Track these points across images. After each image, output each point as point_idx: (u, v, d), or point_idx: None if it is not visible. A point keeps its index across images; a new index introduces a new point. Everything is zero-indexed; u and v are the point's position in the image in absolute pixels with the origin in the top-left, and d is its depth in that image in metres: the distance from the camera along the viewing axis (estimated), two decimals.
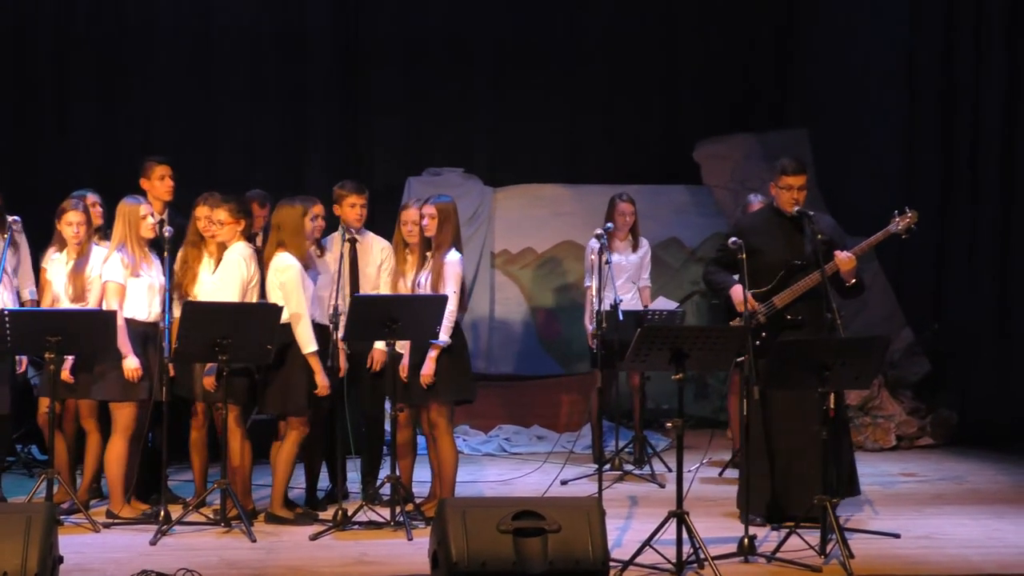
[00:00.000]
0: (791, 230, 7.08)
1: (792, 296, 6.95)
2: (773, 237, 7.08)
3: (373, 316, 6.87)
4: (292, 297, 6.97)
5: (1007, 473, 8.90)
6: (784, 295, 6.95)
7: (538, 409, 10.44)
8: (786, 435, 6.94)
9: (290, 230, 7.07)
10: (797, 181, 7.03)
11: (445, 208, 7.17)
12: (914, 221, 6.93)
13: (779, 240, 7.07)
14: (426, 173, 11.20)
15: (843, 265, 6.89)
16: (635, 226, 9.14)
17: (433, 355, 7.01)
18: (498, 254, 11.27)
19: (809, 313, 6.98)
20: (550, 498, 6.82)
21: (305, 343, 6.99)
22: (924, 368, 10.67)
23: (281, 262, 7.03)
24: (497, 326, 11.14)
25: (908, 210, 6.93)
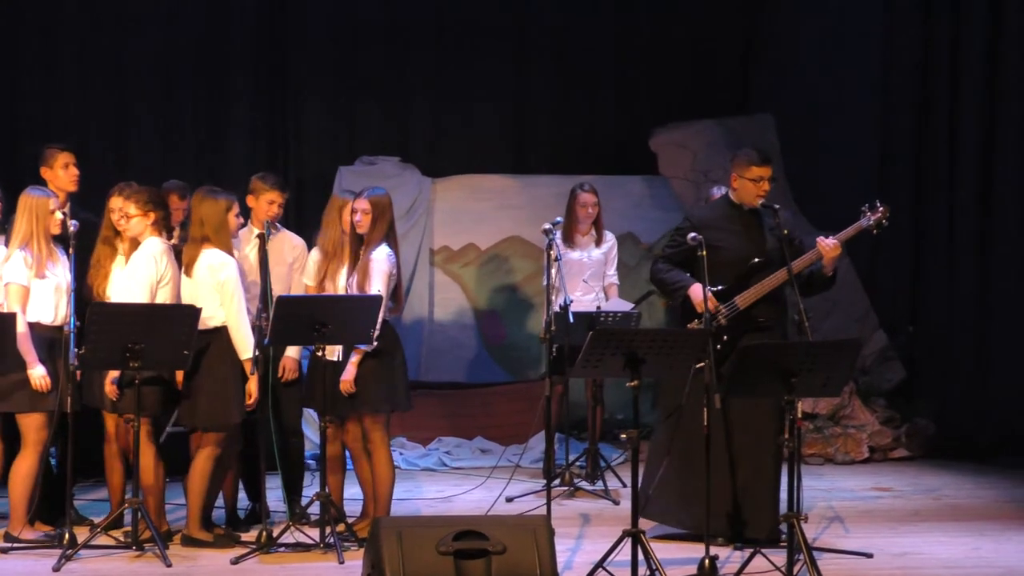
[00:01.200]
0: (751, 224, 7.10)
1: (757, 296, 6.97)
2: (732, 232, 7.08)
3: (300, 319, 6.84)
4: (233, 298, 6.92)
5: (988, 487, 9.00)
6: (747, 295, 6.97)
7: (482, 420, 10.42)
8: (748, 447, 6.97)
9: (215, 226, 7.02)
10: (767, 172, 7.06)
11: (380, 202, 7.15)
12: (886, 216, 6.98)
13: (738, 235, 7.08)
14: (359, 162, 11.16)
15: (828, 253, 6.90)
16: (599, 219, 9.15)
17: (355, 360, 6.98)
18: (438, 251, 11.25)
19: (774, 314, 7.01)
20: (494, 516, 6.81)
21: (244, 348, 6.94)
22: (899, 374, 10.77)
23: (216, 259, 6.98)
24: (437, 329, 11.12)
25: (880, 204, 6.99)
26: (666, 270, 7.18)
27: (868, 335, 10.70)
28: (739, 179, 7.08)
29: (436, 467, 9.77)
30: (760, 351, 6.13)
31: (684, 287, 7.04)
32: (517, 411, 10.28)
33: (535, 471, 9.36)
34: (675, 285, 7.11)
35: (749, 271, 7.00)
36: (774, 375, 6.07)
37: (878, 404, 10.43)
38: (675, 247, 7.13)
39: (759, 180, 7.02)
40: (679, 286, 7.08)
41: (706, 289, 6.72)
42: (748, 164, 7.05)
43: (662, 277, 7.19)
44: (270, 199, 7.60)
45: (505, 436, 10.23)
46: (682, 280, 7.07)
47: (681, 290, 7.06)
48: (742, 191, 7.07)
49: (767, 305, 7.01)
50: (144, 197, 7.14)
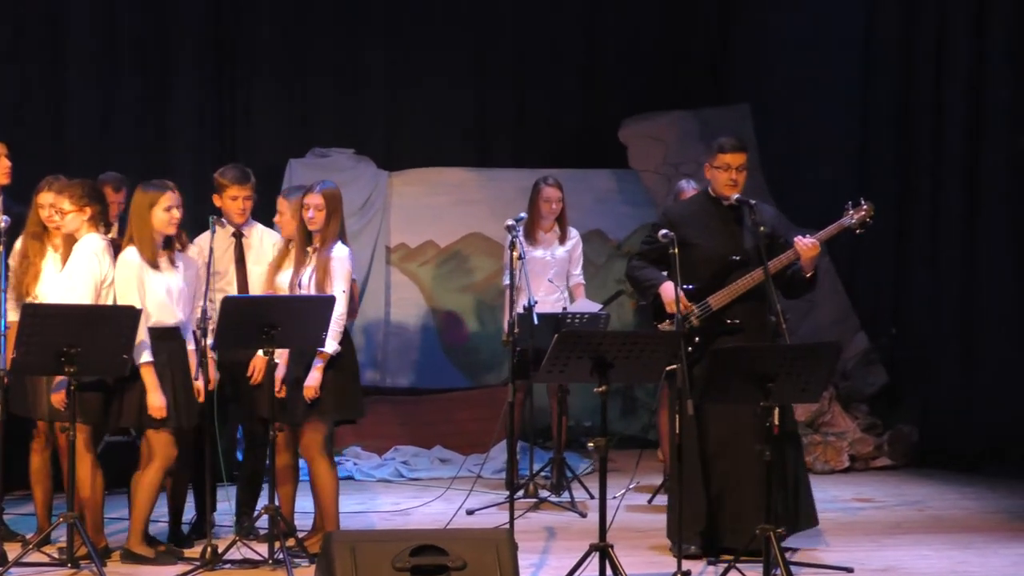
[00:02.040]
0: (729, 220, 7.12)
1: (731, 296, 6.98)
2: (708, 228, 7.10)
3: (247, 321, 6.81)
4: (128, 298, 6.86)
5: (974, 497, 9.06)
6: (721, 295, 6.99)
7: (441, 427, 10.41)
8: (724, 456, 6.99)
9: (136, 221, 6.98)
10: (736, 160, 7.07)
11: (334, 196, 7.13)
12: (870, 215, 7.00)
13: (715, 232, 7.10)
14: (310, 154, 11.13)
15: (805, 252, 6.92)
16: (563, 215, 9.15)
17: (320, 365, 6.96)
18: (394, 248, 11.24)
19: (749, 316, 7.02)
20: (454, 530, 6.80)
21: (141, 352, 6.87)
22: (881, 379, 10.82)
23: (123, 256, 6.95)
24: (393, 332, 11.10)
25: (864, 202, 7.01)
26: (640, 267, 7.20)
27: (849, 338, 10.75)
28: (709, 169, 7.11)
29: (392, 478, 9.76)
30: (735, 355, 6.15)
31: (655, 285, 7.05)
32: (478, 418, 10.28)
33: (497, 482, 9.35)
34: (647, 283, 7.12)
35: (725, 270, 7.02)
36: (750, 380, 6.09)
37: (859, 410, 10.48)
38: (650, 243, 7.15)
39: (727, 168, 7.03)
40: (650, 284, 7.09)
41: (678, 288, 6.72)
42: (716, 152, 7.08)
43: (635, 275, 7.23)
44: (232, 195, 7.59)
45: (466, 445, 10.22)
46: (654, 278, 7.08)
47: (652, 288, 7.07)
48: (713, 181, 7.10)
49: (742, 306, 7.02)
50: (79, 191, 7.08)
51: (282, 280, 7.31)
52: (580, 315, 8.64)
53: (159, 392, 6.89)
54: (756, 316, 7.00)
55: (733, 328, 6.98)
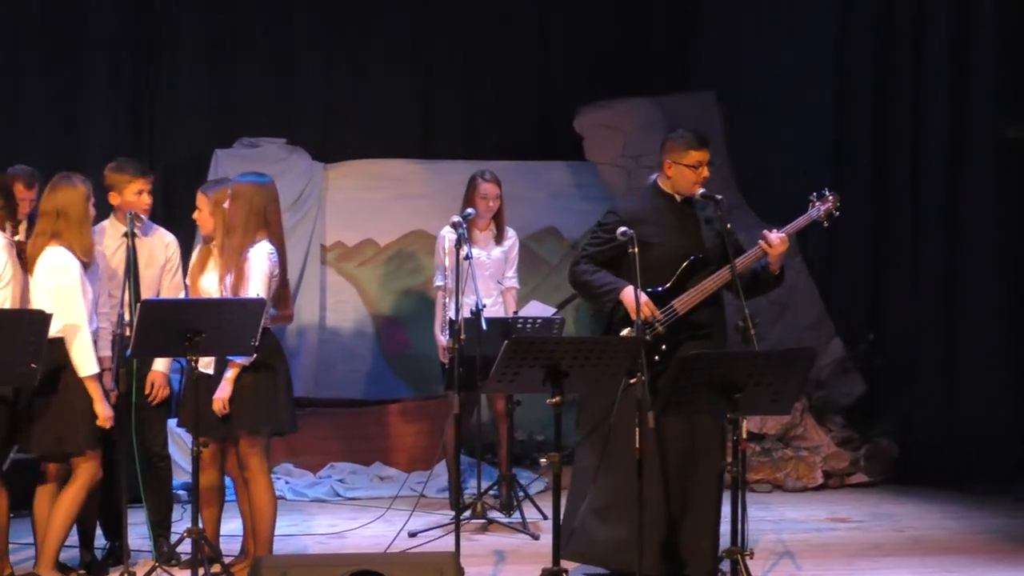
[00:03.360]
0: (685, 216, 7.11)
1: (698, 298, 6.97)
2: (665, 225, 7.08)
3: (169, 326, 6.76)
4: (70, 305, 6.82)
5: (956, 517, 9.11)
6: (687, 298, 6.98)
7: (380, 442, 10.40)
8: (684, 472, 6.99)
9: (76, 218, 6.93)
10: (705, 156, 7.07)
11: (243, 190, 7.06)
12: (836, 206, 7.04)
13: (673, 229, 7.08)
14: (238, 144, 11.09)
15: (773, 249, 6.93)
16: (500, 213, 9.14)
17: (231, 375, 6.91)
18: (330, 247, 11.21)
19: (715, 320, 7.03)
20: (395, 554, 6.78)
21: (83, 363, 6.84)
22: (857, 389, 10.87)
23: (56, 260, 6.87)
24: (329, 338, 11.07)
25: (829, 193, 7.05)
26: (591, 271, 7.10)
27: (823, 344, 10.80)
28: (674, 165, 7.07)
29: (328, 497, 9.73)
30: (699, 362, 6.14)
31: (615, 291, 6.99)
32: (421, 432, 10.27)
33: (442, 501, 9.35)
34: (603, 288, 7.04)
35: (686, 271, 7.01)
36: (715, 390, 6.09)
37: (834, 423, 10.53)
38: (600, 244, 7.09)
39: (697, 166, 7.03)
40: (608, 289, 7.02)
41: (638, 292, 6.71)
42: (685, 148, 7.05)
43: (587, 280, 7.10)
44: (138, 188, 7.53)
45: (407, 461, 10.22)
46: (612, 283, 7.02)
47: (611, 294, 7.00)
48: (678, 179, 7.07)
49: (708, 309, 7.02)
50: None
51: (207, 283, 7.26)
52: (532, 319, 8.64)
53: (105, 403, 6.86)
54: (722, 320, 7.02)
55: (700, 334, 6.98)
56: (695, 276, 7.00)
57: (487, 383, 6.21)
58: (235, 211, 7.04)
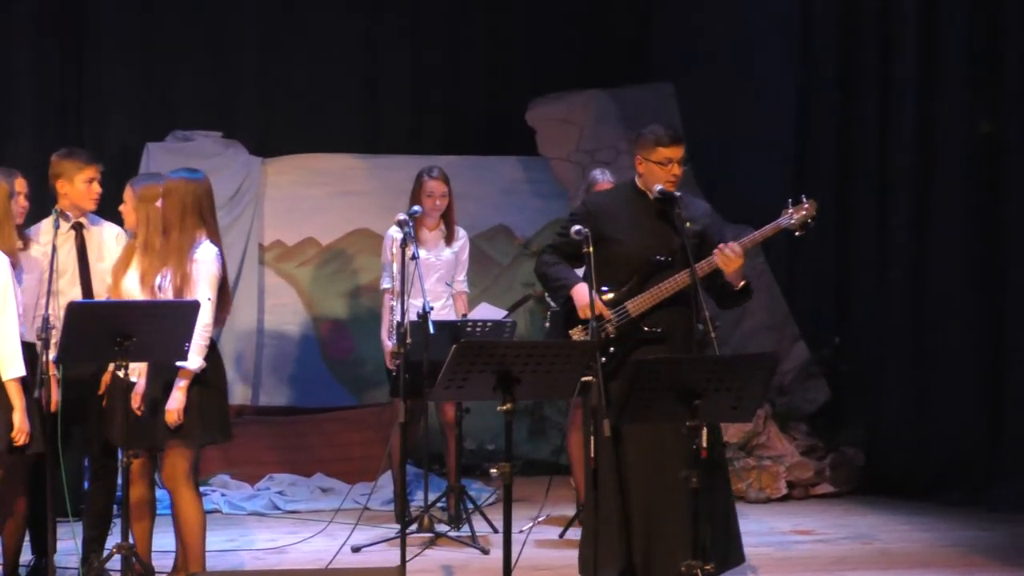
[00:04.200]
0: (656, 216, 7.13)
1: (653, 301, 6.98)
2: (633, 224, 7.09)
3: (98, 330, 6.72)
4: (3, 306, 6.78)
5: (925, 528, 9.17)
6: (641, 300, 6.99)
7: (322, 452, 10.38)
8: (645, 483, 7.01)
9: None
10: (676, 153, 7.06)
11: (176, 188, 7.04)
12: (812, 214, 7.02)
13: (640, 229, 7.09)
14: (171, 137, 11.06)
15: (727, 264, 6.89)
16: (450, 211, 9.15)
17: (183, 384, 6.89)
18: (268, 247, 11.19)
19: (672, 323, 7.04)
20: (337, 570, 6.77)
21: (9, 365, 6.80)
22: (822, 395, 10.92)
23: None
24: (267, 342, 11.05)
25: (805, 199, 7.03)
26: (551, 263, 7.15)
27: (786, 348, 10.84)
28: (644, 162, 7.08)
29: (266, 510, 9.72)
30: (656, 367, 6.15)
31: (567, 286, 7.02)
32: (365, 442, 10.27)
33: (388, 514, 9.34)
34: (558, 282, 7.08)
35: (647, 271, 7.03)
36: (674, 396, 6.10)
37: (798, 431, 10.57)
38: (565, 237, 7.12)
39: (667, 163, 7.03)
40: (561, 284, 7.05)
41: (593, 291, 6.73)
42: (654, 144, 7.05)
43: (545, 271, 7.16)
44: (89, 176, 7.53)
45: (351, 472, 10.20)
46: (566, 277, 7.05)
47: (563, 289, 7.04)
48: (647, 176, 7.07)
49: (665, 313, 7.02)
50: None
51: (130, 284, 7.24)
52: (482, 323, 8.65)
53: (26, 416, 6.83)
54: (680, 324, 7.02)
55: (653, 337, 7.00)
56: (655, 278, 7.01)
57: (434, 390, 6.20)
58: (169, 209, 7.01)
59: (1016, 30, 9.88)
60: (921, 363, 10.47)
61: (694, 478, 6.27)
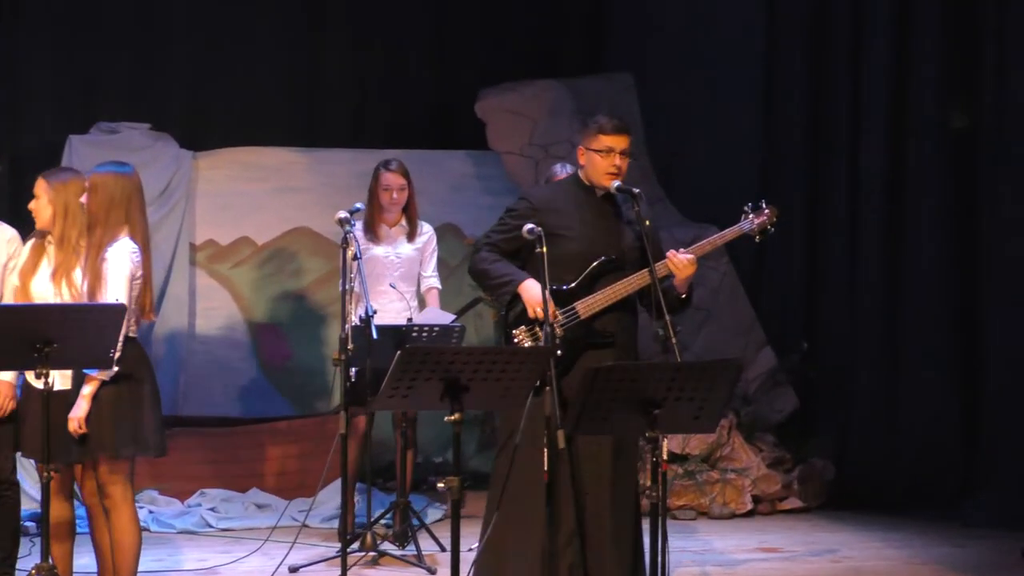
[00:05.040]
0: (605, 212, 7.12)
1: (605, 303, 6.98)
2: (580, 220, 7.09)
3: (14, 336, 6.67)
4: None
5: (899, 545, 9.21)
6: (593, 301, 6.97)
7: (258, 466, 10.35)
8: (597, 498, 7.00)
9: None
10: (618, 143, 7.06)
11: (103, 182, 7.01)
12: (772, 221, 7.05)
13: (588, 225, 7.09)
14: (95, 129, 11.01)
15: (680, 271, 6.90)
16: (411, 206, 9.14)
17: (88, 392, 6.84)
18: (200, 246, 11.15)
19: (622, 328, 7.04)
20: None
21: None
22: (790, 404, 10.96)
23: None
24: (199, 348, 11.01)
25: (765, 205, 7.05)
26: (491, 260, 7.07)
27: (752, 354, 10.87)
28: (586, 152, 7.09)
29: (198, 528, 9.69)
30: (612, 374, 6.15)
31: (512, 282, 6.97)
32: (304, 454, 10.24)
33: (328, 532, 9.32)
34: (500, 280, 7.01)
35: (596, 271, 7.02)
36: (631, 405, 6.10)
37: (764, 442, 10.60)
38: (505, 231, 7.07)
39: (608, 152, 7.03)
40: (506, 281, 6.99)
41: (546, 291, 6.71)
42: (595, 133, 7.05)
43: (485, 268, 7.07)
44: None
45: (288, 487, 10.18)
46: (511, 274, 6.99)
47: (508, 286, 6.98)
48: (590, 168, 7.09)
49: (616, 316, 7.02)
50: None
51: (40, 287, 7.18)
52: (428, 327, 8.63)
53: None
54: (629, 329, 7.03)
55: (604, 341, 6.98)
56: (605, 278, 7.00)
57: (378, 399, 6.17)
58: (95, 205, 6.97)
59: (993, 22, 9.93)
60: (894, 370, 10.53)
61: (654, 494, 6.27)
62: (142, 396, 7.00)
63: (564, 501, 6.86)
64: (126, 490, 7.05)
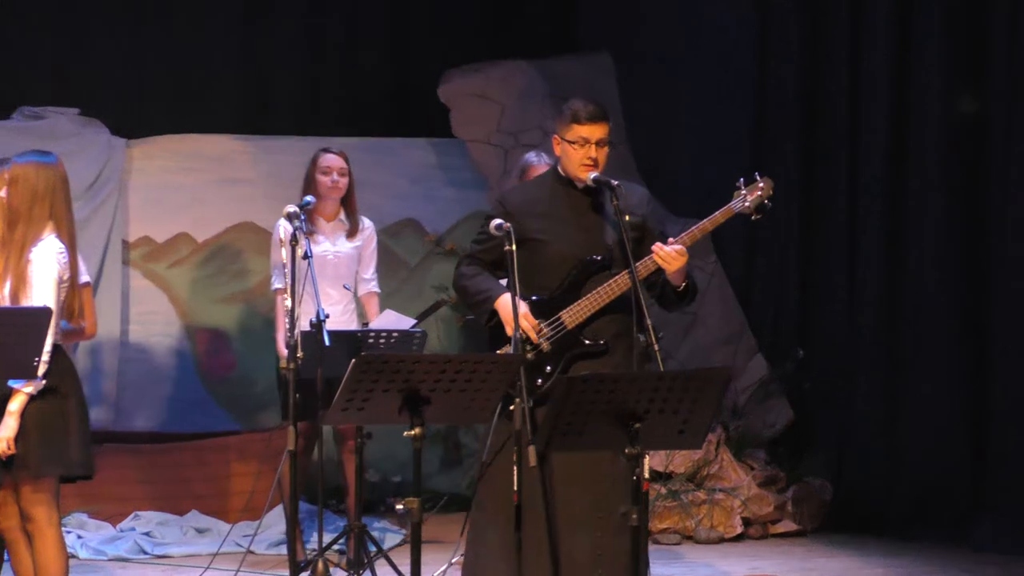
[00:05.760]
0: (585, 209, 7.12)
1: (591, 308, 6.96)
2: (560, 219, 7.09)
3: None
4: None
5: (901, 571, 9.25)
6: (578, 308, 6.98)
7: (198, 486, 10.34)
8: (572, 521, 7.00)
9: None
10: (596, 132, 7.05)
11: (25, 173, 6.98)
12: (768, 194, 7.04)
13: (569, 224, 7.08)
14: (18, 115, 11.00)
15: (669, 263, 6.89)
16: (350, 198, 9.12)
17: (16, 408, 6.81)
18: (135, 243, 11.13)
19: (616, 334, 7.03)
20: None
21: None
22: (783, 417, 10.97)
23: None
24: (133, 356, 10.99)
25: (759, 178, 7.04)
26: (471, 275, 7.04)
27: (742, 362, 10.89)
28: (560, 143, 7.08)
29: (132, 555, 9.68)
30: (588, 385, 6.13)
31: (490, 298, 6.96)
32: (249, 473, 10.22)
33: (276, 559, 9.33)
34: (479, 296, 7.00)
35: (582, 274, 7.01)
36: (610, 419, 6.09)
37: (755, 459, 10.61)
38: (483, 241, 7.06)
39: (583, 143, 7.02)
40: (484, 297, 6.98)
41: (516, 299, 6.70)
42: (569, 122, 7.03)
43: (464, 285, 7.06)
44: None
45: (232, 509, 10.18)
46: (488, 289, 6.98)
47: (486, 303, 6.97)
48: (565, 160, 7.08)
49: (606, 322, 7.01)
50: None
51: None
52: (386, 333, 8.62)
53: None
54: (624, 335, 7.01)
55: (597, 350, 6.98)
56: (592, 281, 6.99)
57: (330, 412, 6.17)
58: (16, 199, 6.95)
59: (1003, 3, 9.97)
60: (897, 379, 10.55)
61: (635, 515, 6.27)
62: (67, 411, 6.98)
63: (535, 528, 6.85)
64: (51, 513, 7.03)
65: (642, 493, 6.26)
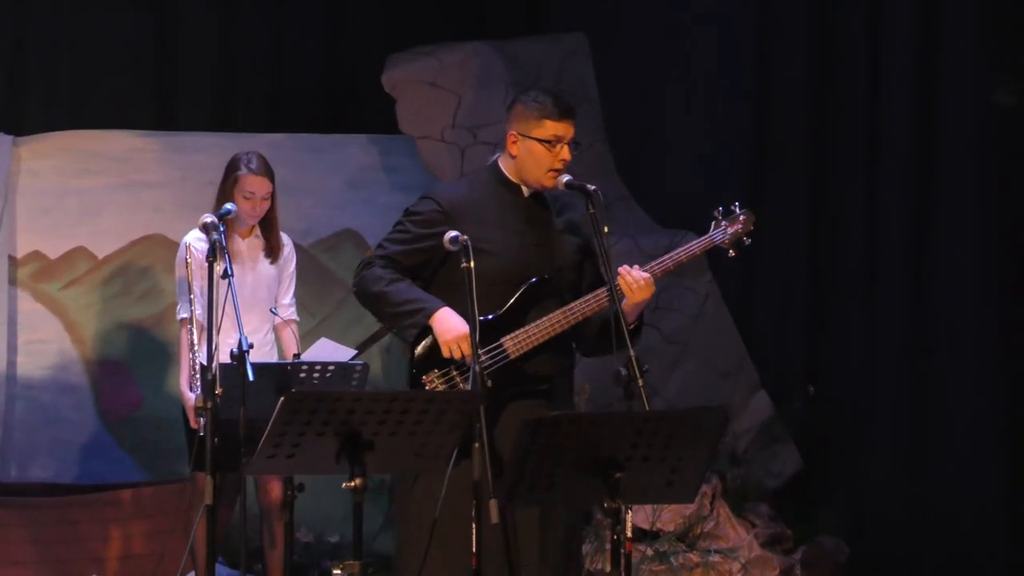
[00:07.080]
0: (533, 215, 7.12)
1: (539, 339, 6.96)
2: (504, 227, 7.08)
3: None
4: None
5: None
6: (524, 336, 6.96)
7: (96, 546, 10.31)
8: None
9: None
10: (570, 130, 7.08)
11: None
12: (748, 230, 7.07)
13: (514, 233, 7.07)
14: None
15: (633, 293, 6.89)
16: (272, 213, 9.12)
17: None
18: (23, 260, 11.12)
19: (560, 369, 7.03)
20: None
21: None
22: (791, 465, 11.00)
23: None
24: (21, 393, 10.98)
25: (739, 210, 7.08)
26: (388, 279, 7.01)
27: (742, 400, 10.91)
28: (522, 140, 7.05)
29: None
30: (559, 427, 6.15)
31: (424, 312, 6.92)
32: (158, 532, 10.21)
33: None
34: (405, 307, 6.95)
35: (527, 296, 7.01)
36: (584, 468, 6.11)
37: (758, 514, 10.64)
38: (407, 241, 7.03)
39: (555, 143, 7.03)
40: (412, 310, 6.93)
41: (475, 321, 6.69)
42: (540, 117, 7.04)
43: (381, 291, 6.99)
44: None
45: (138, 574, 10.14)
46: (420, 300, 6.94)
47: (416, 316, 6.92)
48: (526, 160, 7.05)
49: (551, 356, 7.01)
50: None
51: None
52: (321, 366, 8.61)
53: None
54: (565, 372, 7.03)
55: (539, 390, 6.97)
56: (539, 306, 6.99)
57: (254, 460, 6.16)
58: None
59: None
60: (922, 420, 10.58)
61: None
62: None
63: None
64: None
65: (624, 555, 6.28)
